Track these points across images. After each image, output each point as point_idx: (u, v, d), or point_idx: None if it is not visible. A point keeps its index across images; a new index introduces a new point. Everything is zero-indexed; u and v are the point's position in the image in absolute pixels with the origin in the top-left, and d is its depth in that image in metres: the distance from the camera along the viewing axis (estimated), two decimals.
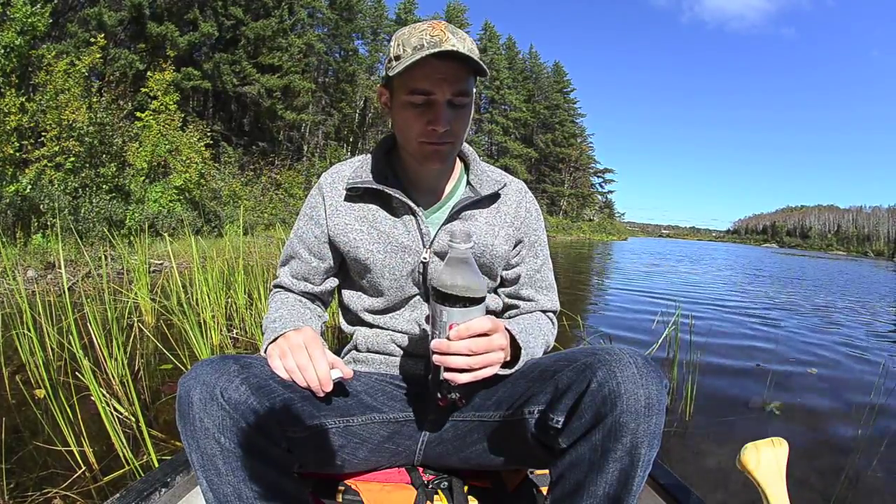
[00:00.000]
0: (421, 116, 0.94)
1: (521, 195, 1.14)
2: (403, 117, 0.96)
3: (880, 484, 2.27)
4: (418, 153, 0.98)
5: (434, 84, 0.91)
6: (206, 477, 0.78)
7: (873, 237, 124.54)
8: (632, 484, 0.76)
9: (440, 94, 0.92)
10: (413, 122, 0.95)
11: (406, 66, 0.89)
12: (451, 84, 0.92)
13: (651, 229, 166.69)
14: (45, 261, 6.38)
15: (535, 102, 50.78)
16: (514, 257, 1.13)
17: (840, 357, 4.69)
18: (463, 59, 0.90)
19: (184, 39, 19.97)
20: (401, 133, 1.00)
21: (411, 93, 0.93)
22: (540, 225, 1.16)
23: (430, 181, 1.08)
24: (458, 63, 0.91)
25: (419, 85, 0.92)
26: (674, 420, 2.80)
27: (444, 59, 0.90)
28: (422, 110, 0.94)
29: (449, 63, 0.91)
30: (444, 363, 0.82)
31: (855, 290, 12.95)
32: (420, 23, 0.95)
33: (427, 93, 0.92)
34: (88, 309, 2.59)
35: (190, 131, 14.00)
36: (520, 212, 1.12)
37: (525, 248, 1.13)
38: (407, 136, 0.98)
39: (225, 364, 0.81)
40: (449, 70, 0.91)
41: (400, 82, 0.94)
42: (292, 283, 1.13)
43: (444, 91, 0.92)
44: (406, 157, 1.05)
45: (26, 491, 1.75)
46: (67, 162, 9.66)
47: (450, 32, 0.90)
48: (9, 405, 2.42)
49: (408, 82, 0.92)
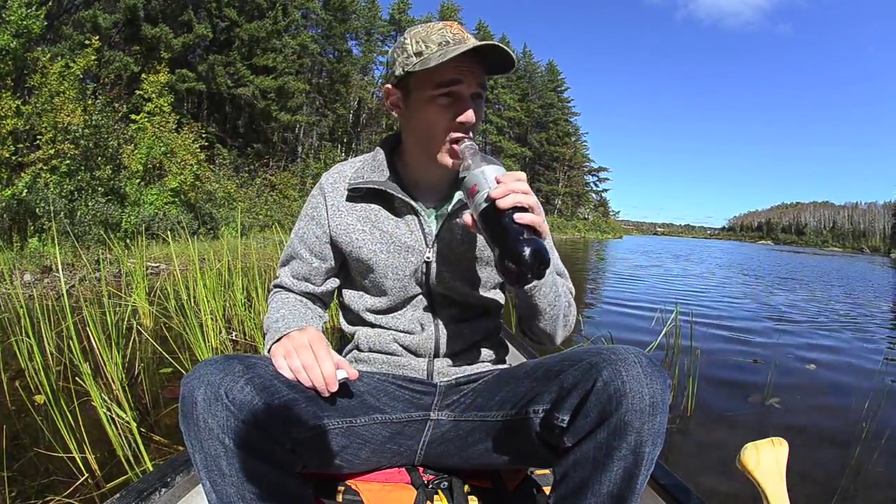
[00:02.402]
0: (448, 110, 0.95)
1: None
2: (428, 114, 0.97)
3: (882, 478, 2.28)
4: (442, 151, 0.98)
5: (461, 76, 0.94)
6: (210, 478, 0.77)
7: (869, 233, 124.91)
8: (635, 482, 0.77)
9: (467, 86, 0.95)
10: (440, 118, 0.96)
11: (438, 61, 0.90)
12: (475, 77, 0.95)
13: (646, 227, 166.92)
14: (41, 264, 6.36)
15: (529, 101, 50.76)
16: None
17: (838, 352, 4.72)
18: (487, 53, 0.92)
19: (178, 41, 19.91)
20: (422, 132, 1.00)
21: (438, 86, 0.94)
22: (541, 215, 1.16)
23: (431, 181, 1.08)
24: (480, 59, 0.94)
25: (447, 77, 0.93)
26: (675, 417, 2.81)
27: (470, 55, 0.92)
28: (449, 103, 0.95)
29: (473, 58, 0.93)
30: (510, 199, 0.80)
31: (851, 285, 12.99)
32: (434, 22, 0.97)
33: (454, 83, 0.94)
34: (87, 313, 2.58)
35: (185, 133, 13.99)
36: None
37: None
38: (431, 134, 0.98)
39: (229, 364, 0.81)
40: (473, 64, 0.94)
41: (423, 79, 0.95)
42: (293, 283, 1.13)
43: (471, 84, 0.95)
44: (414, 156, 1.06)
45: (28, 499, 1.74)
46: (63, 165, 9.63)
47: (466, 32, 0.94)
48: (8, 411, 2.41)
49: (434, 77, 0.94)
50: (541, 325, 1.04)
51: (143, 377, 2.83)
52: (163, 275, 6.03)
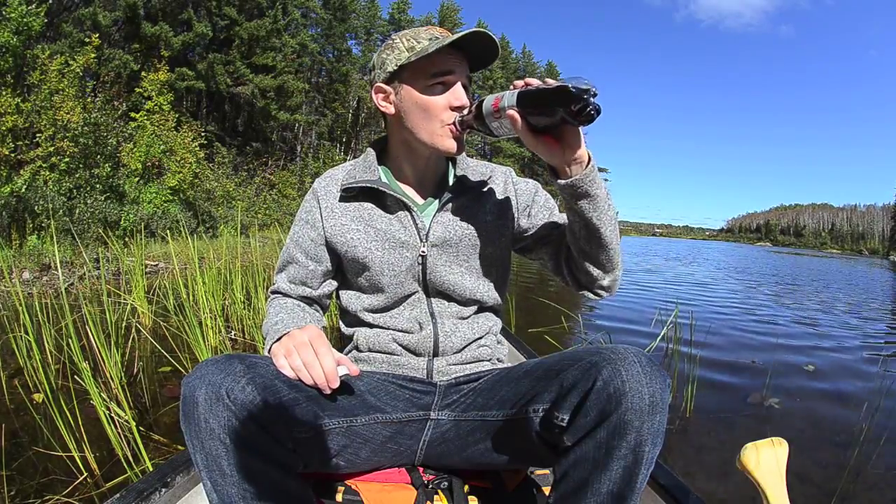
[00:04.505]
0: (443, 98, 1.00)
1: (506, 176, 1.18)
2: (423, 104, 1.00)
3: (881, 479, 2.28)
4: (440, 139, 1.02)
5: (454, 66, 1.00)
6: (211, 478, 0.78)
7: (867, 235, 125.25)
8: (635, 482, 0.77)
9: (459, 75, 1.01)
10: (437, 106, 1.00)
11: (428, 53, 0.96)
12: (464, 68, 1.02)
13: (644, 228, 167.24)
14: (40, 262, 6.35)
15: None
16: (525, 220, 1.14)
17: (838, 354, 4.72)
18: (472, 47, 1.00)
19: (178, 40, 19.86)
20: (418, 122, 1.03)
21: (432, 76, 0.99)
22: (538, 189, 1.18)
23: (421, 177, 1.11)
24: (463, 54, 1.02)
25: (441, 67, 0.99)
26: (674, 418, 2.81)
27: (456, 49, 1.00)
28: (443, 91, 1.00)
29: (458, 52, 1.01)
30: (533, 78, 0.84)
31: (851, 287, 13.01)
32: (417, 28, 1.03)
33: (448, 72, 1.00)
34: (86, 311, 2.57)
35: (184, 132, 13.98)
36: (508, 187, 1.15)
37: (533, 207, 1.15)
38: (427, 123, 1.02)
39: (230, 364, 0.81)
40: (459, 56, 1.01)
41: (416, 71, 1.00)
42: (290, 288, 1.14)
43: (461, 73, 1.02)
44: (405, 152, 1.09)
45: (27, 498, 1.73)
46: (62, 163, 9.61)
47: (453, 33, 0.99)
48: (7, 410, 2.40)
49: (427, 68, 0.99)
50: (600, 254, 1.02)
51: (142, 376, 2.82)
52: (162, 273, 6.03)
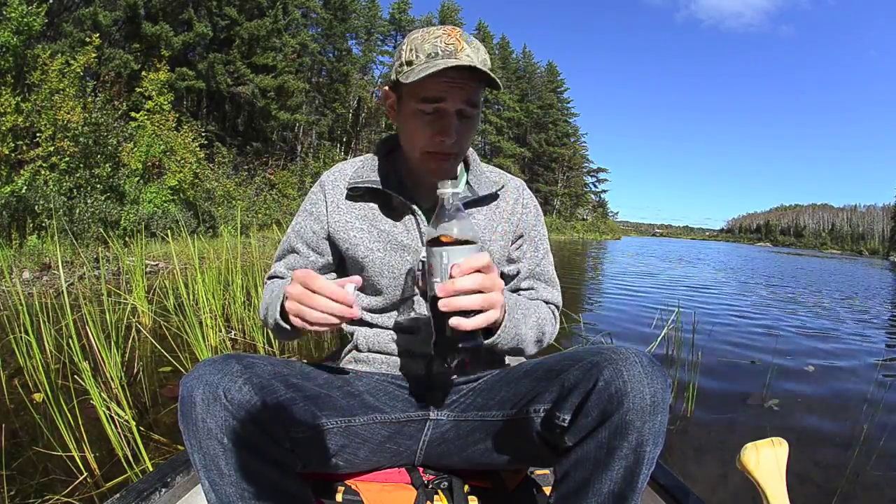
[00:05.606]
0: (429, 126, 0.95)
1: (518, 192, 1.15)
2: (411, 126, 0.97)
3: (881, 479, 2.28)
4: (422, 163, 1.00)
5: (445, 93, 0.92)
6: (209, 478, 0.78)
7: (867, 236, 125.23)
8: (636, 482, 0.77)
9: (451, 104, 0.93)
10: (420, 132, 0.96)
11: (418, 76, 0.88)
12: (462, 94, 0.93)
13: (644, 228, 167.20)
14: (40, 262, 6.35)
15: (529, 102, 50.75)
16: (515, 251, 1.14)
17: (838, 354, 4.72)
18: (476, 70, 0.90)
19: (178, 39, 19.87)
20: (407, 141, 1.01)
21: (422, 101, 0.93)
22: (539, 220, 1.17)
23: (430, 183, 1.08)
24: (470, 73, 0.91)
25: (430, 94, 0.92)
26: (675, 418, 2.81)
27: (458, 70, 0.90)
28: (431, 119, 0.94)
29: (461, 73, 0.91)
30: (451, 306, 0.75)
31: (851, 288, 13.01)
32: (434, 27, 0.94)
33: (438, 100, 0.92)
34: (86, 311, 2.57)
35: (184, 131, 13.99)
36: (517, 208, 1.13)
37: (526, 242, 1.14)
38: (413, 144, 0.99)
39: (228, 364, 0.81)
40: (461, 80, 0.92)
41: (410, 90, 0.94)
42: (288, 274, 1.13)
43: (455, 101, 0.93)
44: (408, 160, 1.06)
45: (27, 497, 1.74)
46: (62, 162, 9.62)
47: (465, 42, 0.91)
48: (7, 409, 2.40)
49: (418, 91, 0.93)
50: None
51: (142, 376, 2.83)
52: (162, 273, 6.03)
